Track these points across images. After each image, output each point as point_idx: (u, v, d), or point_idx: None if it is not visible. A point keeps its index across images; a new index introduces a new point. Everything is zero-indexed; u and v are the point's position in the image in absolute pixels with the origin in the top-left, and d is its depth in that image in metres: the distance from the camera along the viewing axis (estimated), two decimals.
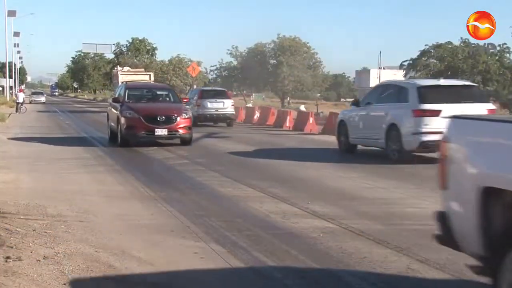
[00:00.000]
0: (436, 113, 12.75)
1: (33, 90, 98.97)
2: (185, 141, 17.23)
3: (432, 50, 46.82)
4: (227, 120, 27.63)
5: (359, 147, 15.64)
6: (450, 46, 46.19)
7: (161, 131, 16.60)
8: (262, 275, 5.34)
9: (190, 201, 8.80)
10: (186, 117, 17.11)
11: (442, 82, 15.09)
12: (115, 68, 50.47)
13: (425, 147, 13.15)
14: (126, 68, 48.57)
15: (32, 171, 11.99)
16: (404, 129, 13.36)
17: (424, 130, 13.01)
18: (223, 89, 31.96)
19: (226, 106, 27.73)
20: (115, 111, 17.85)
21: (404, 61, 50.05)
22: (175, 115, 16.82)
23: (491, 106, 14.16)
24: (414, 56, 47.81)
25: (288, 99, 66.05)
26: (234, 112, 28.52)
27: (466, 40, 45.10)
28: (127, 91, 18.27)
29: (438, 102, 12.98)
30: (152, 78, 42.77)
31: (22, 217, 7.35)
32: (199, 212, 7.97)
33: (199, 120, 26.16)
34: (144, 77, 41.76)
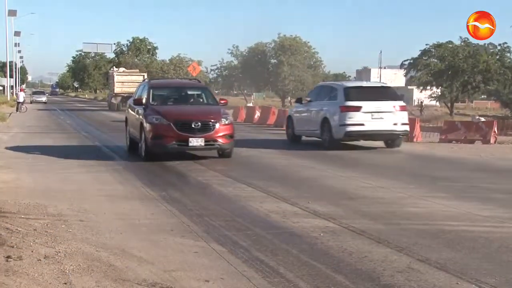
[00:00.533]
0: (357, 108, 16.03)
1: (34, 90, 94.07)
2: (225, 154, 13.99)
3: (433, 50, 46.74)
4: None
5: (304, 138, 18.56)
6: (450, 45, 46.10)
7: (196, 141, 13.23)
8: (262, 274, 5.33)
9: (190, 201, 8.81)
10: (227, 122, 13.69)
11: (364, 83, 19.08)
12: (111, 69, 51.71)
13: (349, 136, 16.33)
14: (121, 69, 50.14)
15: (32, 170, 12.00)
16: (333, 122, 16.35)
17: (348, 122, 16.03)
18: (205, 86, 33.99)
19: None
20: (137, 116, 14.48)
21: (404, 61, 49.94)
22: (213, 120, 13.46)
23: (401, 103, 16.90)
24: (415, 55, 47.75)
25: (290, 99, 66.02)
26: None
27: (467, 40, 45.05)
28: (151, 91, 14.66)
29: (359, 100, 16.13)
30: (145, 78, 43.37)
31: (22, 216, 7.36)
32: (199, 212, 7.97)
33: None
34: (138, 77, 43.77)
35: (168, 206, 8.36)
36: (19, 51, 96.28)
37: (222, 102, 15.27)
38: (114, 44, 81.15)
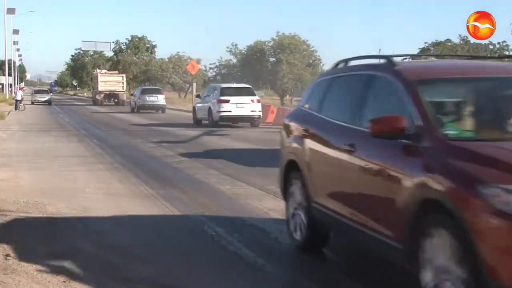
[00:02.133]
0: (227, 101, 24.49)
1: (35, 88, 78.86)
2: None
3: (432, 48, 46.82)
4: (160, 109, 39.09)
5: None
6: (449, 44, 46.20)
7: None
8: (263, 273, 5.34)
9: (189, 199, 8.80)
10: None
11: (234, 85, 28.97)
12: (95, 71, 59.92)
13: (222, 119, 24.56)
14: (103, 71, 60.19)
15: (31, 168, 11.99)
16: (214, 110, 24.78)
17: (221, 110, 24.47)
18: (158, 88, 47.49)
19: (159, 99, 39.72)
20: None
21: (403, 59, 50.05)
22: None
23: (257, 98, 25.43)
24: (414, 53, 47.85)
25: (291, 97, 66.02)
26: (165, 103, 40.04)
27: (465, 38, 45.09)
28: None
29: (229, 95, 24.66)
30: (124, 79, 54.92)
31: (22, 214, 7.35)
32: (198, 210, 7.97)
33: (141, 109, 38.94)
34: (118, 77, 54.07)
35: (167, 204, 8.35)
36: (18, 49, 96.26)
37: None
38: (113, 42, 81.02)
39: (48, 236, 6.39)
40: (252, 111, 24.83)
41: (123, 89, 54.02)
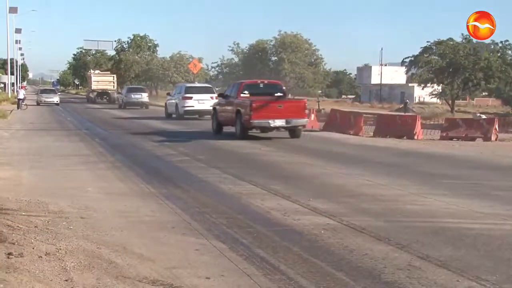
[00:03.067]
0: (190, 98, 29.51)
1: (41, 87, 68.92)
2: None
3: (434, 47, 46.71)
4: (144, 105, 43.87)
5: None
6: (451, 42, 46.07)
7: None
8: (263, 271, 5.34)
9: (191, 198, 8.81)
10: None
11: (197, 85, 35.48)
12: (89, 71, 65.59)
13: (186, 112, 29.51)
14: (97, 71, 65.42)
15: (33, 167, 12.01)
16: (180, 105, 29.88)
17: (185, 105, 29.53)
18: (142, 87, 55.03)
19: (143, 96, 44.78)
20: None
21: (405, 58, 49.94)
22: None
23: (214, 95, 27.66)
24: (416, 52, 47.72)
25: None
26: (148, 100, 45.02)
27: (468, 37, 44.99)
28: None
29: (192, 93, 29.76)
30: (115, 79, 60.03)
31: (23, 213, 7.37)
32: (200, 209, 7.98)
33: (127, 105, 43.64)
34: (109, 77, 60.03)
35: (168, 203, 8.37)
36: (20, 48, 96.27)
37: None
38: (115, 41, 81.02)
39: (50, 235, 6.40)
40: (211, 106, 24.27)
41: (114, 87, 58.64)
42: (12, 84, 71.54)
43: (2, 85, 76.16)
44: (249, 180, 10.39)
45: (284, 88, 21.25)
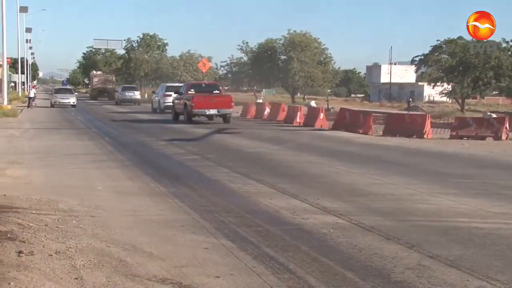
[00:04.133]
0: (170, 95, 32.83)
1: (57, 86, 58.55)
2: None
3: (444, 46, 46.46)
4: (136, 102, 49.72)
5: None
6: (462, 41, 45.81)
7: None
8: (272, 270, 5.34)
9: (200, 197, 8.83)
10: None
11: (175, 84, 40.19)
12: (92, 72, 74.18)
13: (166, 108, 33.13)
14: (98, 72, 74.95)
15: (43, 166, 12.07)
16: (161, 102, 35.36)
17: (165, 101, 34.04)
18: (135, 86, 60.73)
19: (135, 94, 51.11)
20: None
21: (415, 57, 49.69)
22: None
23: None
24: (426, 51, 47.50)
25: (305, 96, 65.89)
26: (139, 97, 51.40)
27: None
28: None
29: (170, 91, 33.46)
30: (114, 79, 69.02)
31: (34, 212, 7.40)
32: (209, 208, 7.99)
33: (122, 102, 49.22)
34: (109, 77, 68.90)
35: (178, 202, 8.38)
36: (30, 48, 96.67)
37: None
38: (124, 40, 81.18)
39: (60, 233, 6.43)
40: (171, 100, 31.50)
41: (113, 86, 65.88)
42: (23, 83, 71.87)
43: (13, 84, 76.49)
44: (258, 179, 10.39)
45: (220, 87, 29.74)
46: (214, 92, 27.08)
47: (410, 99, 50.62)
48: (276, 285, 4.97)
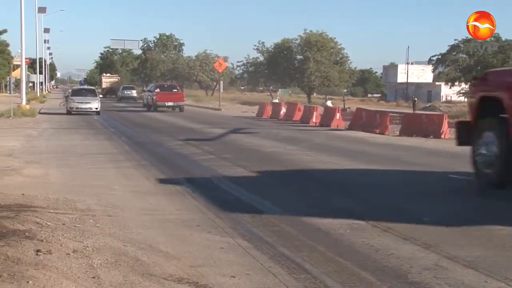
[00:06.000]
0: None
1: (74, 86, 50.80)
2: None
3: (462, 45, 46.12)
4: (133, 99, 59.15)
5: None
6: (480, 40, 45.42)
7: None
8: (288, 270, 5.33)
9: (216, 196, 8.83)
10: None
11: (166, 84, 44.54)
12: (102, 75, 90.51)
13: (159, 106, 37.75)
14: (107, 74, 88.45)
15: (61, 166, 12.16)
16: (149, 98, 40.78)
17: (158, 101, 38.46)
18: (133, 86, 69.26)
19: (133, 93, 61.35)
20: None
21: (432, 56, 49.48)
22: None
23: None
24: (443, 51, 47.20)
25: (326, 96, 65.64)
26: (136, 95, 60.28)
27: (497, 35, 44.35)
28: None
29: (157, 89, 39.50)
30: (119, 80, 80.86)
31: (52, 211, 7.46)
32: (225, 207, 7.99)
33: (122, 99, 59.38)
34: (115, 79, 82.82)
35: (194, 202, 8.40)
36: (49, 48, 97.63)
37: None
38: (141, 40, 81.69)
39: (78, 232, 6.47)
40: (145, 96, 42.55)
41: (118, 86, 74.10)
42: (41, 83, 72.49)
43: (31, 84, 77.20)
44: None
45: (177, 87, 42.55)
46: (173, 90, 39.51)
47: (415, 98, 49.97)
48: (292, 285, 4.96)
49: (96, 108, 32.58)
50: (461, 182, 10.50)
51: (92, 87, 41.65)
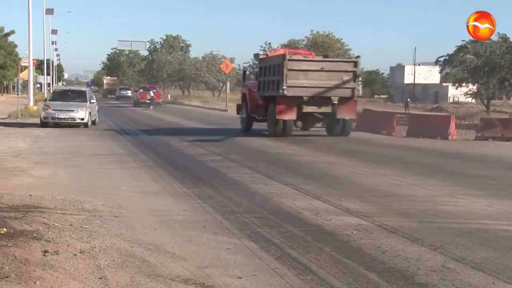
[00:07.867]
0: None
1: (57, 88, 52.48)
2: None
3: (469, 46, 45.95)
4: (128, 98, 63.63)
5: None
6: (488, 41, 45.26)
7: None
8: (295, 271, 5.33)
9: (222, 197, 8.84)
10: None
11: (147, 86, 58.41)
12: (103, 77, 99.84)
13: (142, 102, 48.43)
14: (108, 77, 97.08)
15: (68, 166, 12.20)
16: (138, 96, 50.41)
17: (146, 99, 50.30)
18: (128, 86, 76.12)
19: (128, 93, 67.46)
20: None
21: (440, 57, 49.31)
22: None
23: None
24: (451, 51, 47.05)
25: None
26: (131, 95, 63.09)
27: (505, 36, 44.18)
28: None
29: (144, 90, 51.74)
30: (119, 82, 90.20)
31: (59, 211, 7.49)
32: (231, 208, 8.00)
33: (119, 99, 66.72)
34: (115, 81, 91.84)
35: (200, 203, 8.41)
36: (56, 49, 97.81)
37: None
38: (148, 42, 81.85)
39: (85, 233, 6.49)
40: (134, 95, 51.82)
41: (117, 87, 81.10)
42: (48, 85, 72.70)
43: (39, 86, 77.45)
44: (280, 180, 10.38)
45: (156, 88, 54.31)
46: (153, 90, 49.18)
47: (408, 99, 49.43)
48: (298, 287, 4.95)
49: (82, 119, 22.85)
50: None
51: (83, 89, 28.88)
